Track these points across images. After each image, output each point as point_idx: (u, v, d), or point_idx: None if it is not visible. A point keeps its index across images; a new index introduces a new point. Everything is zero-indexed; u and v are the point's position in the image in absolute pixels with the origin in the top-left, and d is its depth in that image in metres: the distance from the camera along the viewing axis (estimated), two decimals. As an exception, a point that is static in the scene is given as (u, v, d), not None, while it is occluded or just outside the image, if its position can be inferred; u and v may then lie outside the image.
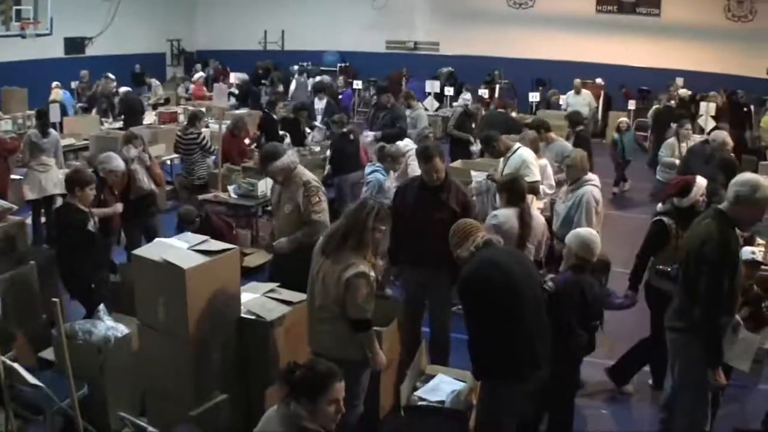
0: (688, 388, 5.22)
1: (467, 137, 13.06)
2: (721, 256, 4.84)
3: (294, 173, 6.69)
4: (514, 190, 6.55)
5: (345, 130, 11.39)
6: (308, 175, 6.79)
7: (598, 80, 21.51)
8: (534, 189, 7.97)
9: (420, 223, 6.29)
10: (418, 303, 6.65)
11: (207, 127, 13.31)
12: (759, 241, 8.01)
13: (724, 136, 10.24)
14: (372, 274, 4.99)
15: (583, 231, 5.86)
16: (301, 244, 6.33)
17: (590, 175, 7.50)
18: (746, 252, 5.68)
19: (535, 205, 7.84)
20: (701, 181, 6.48)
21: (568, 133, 11.71)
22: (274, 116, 13.58)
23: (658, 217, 6.51)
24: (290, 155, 6.89)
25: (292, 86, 20.19)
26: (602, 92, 21.08)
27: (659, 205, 6.89)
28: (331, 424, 3.71)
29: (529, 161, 8.26)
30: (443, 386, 5.72)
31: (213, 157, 11.42)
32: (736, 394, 6.45)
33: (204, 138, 11.35)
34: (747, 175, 5.10)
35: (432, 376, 5.88)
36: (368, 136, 12.65)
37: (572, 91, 19.15)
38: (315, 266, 5.14)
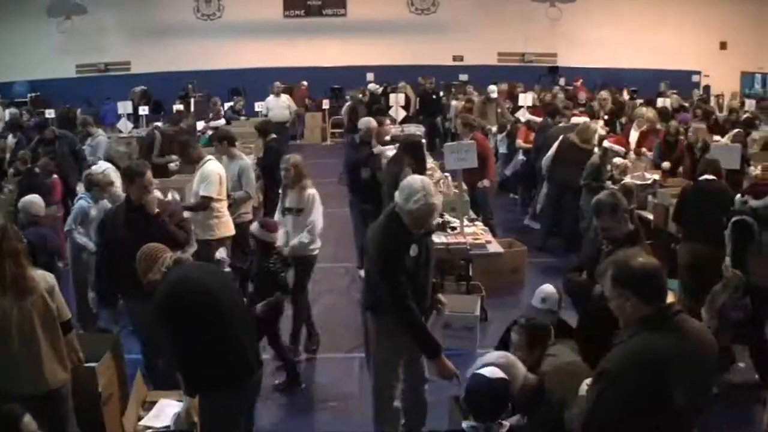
0: (374, 360, 5.59)
1: (168, 160, 12.26)
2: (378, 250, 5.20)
3: None
4: None
5: (30, 166, 10.75)
6: None
7: (304, 83, 22.06)
8: (202, 205, 7.99)
9: (135, 249, 5.59)
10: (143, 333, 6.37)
11: None
12: (452, 221, 8.49)
13: (366, 122, 10.29)
14: None
15: None
16: None
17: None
18: None
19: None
20: None
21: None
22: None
23: (738, 218, 6.68)
24: None
25: None
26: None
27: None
28: None
29: (210, 174, 8.14)
30: (167, 410, 5.61)
31: None
32: (456, 363, 6.56)
33: None
34: (406, 182, 5.22)
35: (154, 403, 5.77)
36: None
37: (272, 96, 18.94)
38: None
